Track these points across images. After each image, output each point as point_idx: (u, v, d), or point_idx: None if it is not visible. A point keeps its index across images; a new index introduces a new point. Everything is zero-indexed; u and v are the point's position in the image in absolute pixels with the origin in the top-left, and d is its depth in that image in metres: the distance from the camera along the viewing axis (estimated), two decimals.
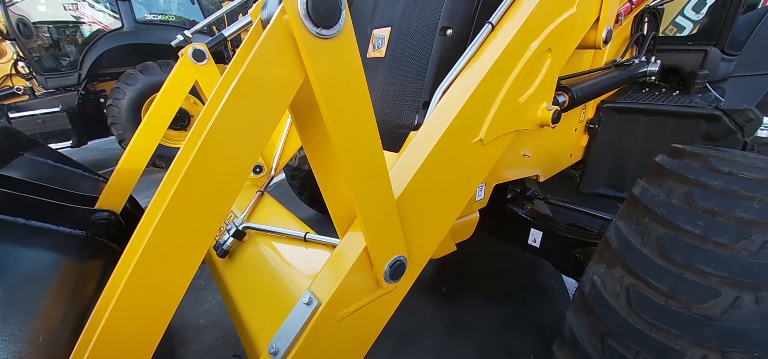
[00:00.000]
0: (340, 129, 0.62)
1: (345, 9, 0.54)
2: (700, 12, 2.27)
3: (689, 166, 0.99)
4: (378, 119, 1.46)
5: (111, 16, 6.05)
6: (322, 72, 0.56)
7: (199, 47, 1.60)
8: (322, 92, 0.57)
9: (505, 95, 1.03)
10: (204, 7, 7.27)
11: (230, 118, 0.58)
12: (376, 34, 1.53)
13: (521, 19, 1.04)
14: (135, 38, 6.09)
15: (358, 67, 0.59)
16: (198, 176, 0.60)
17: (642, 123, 1.93)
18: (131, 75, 5.67)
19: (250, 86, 0.55)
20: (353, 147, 0.65)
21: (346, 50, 0.57)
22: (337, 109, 0.60)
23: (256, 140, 0.61)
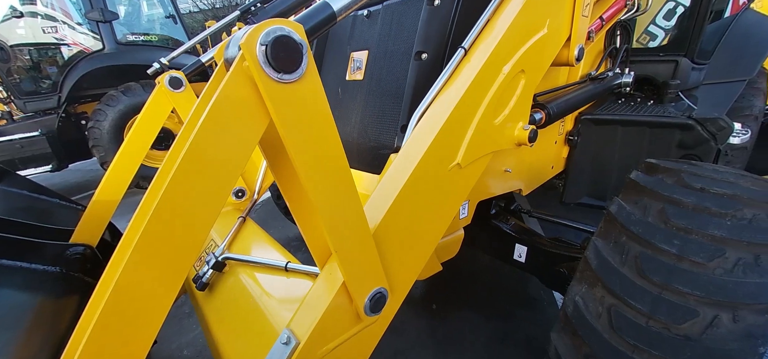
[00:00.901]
0: (308, 170, 0.60)
1: (307, 53, 0.53)
2: (671, 20, 2.35)
3: (663, 182, 1.01)
4: (359, 140, 1.47)
5: (92, 37, 5.96)
6: (286, 115, 0.55)
7: (175, 74, 1.58)
8: (288, 135, 0.56)
9: (480, 118, 1.04)
10: (187, 27, 7.23)
11: (195, 164, 0.56)
12: (354, 57, 1.54)
13: (493, 43, 1.05)
14: (116, 60, 6.00)
15: (324, 108, 0.59)
16: (167, 216, 0.58)
17: (619, 133, 1.98)
18: (113, 96, 5.58)
19: (213, 132, 0.54)
20: (324, 187, 0.64)
21: (311, 93, 0.56)
22: (305, 150, 0.59)
23: (222, 183, 0.59)
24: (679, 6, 2.34)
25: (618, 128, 1.96)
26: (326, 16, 0.68)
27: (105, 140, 5.49)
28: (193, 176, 0.57)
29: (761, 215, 0.85)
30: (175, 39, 6.72)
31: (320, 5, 0.69)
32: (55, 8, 5.86)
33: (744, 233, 0.81)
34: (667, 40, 2.31)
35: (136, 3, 7.18)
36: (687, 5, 2.28)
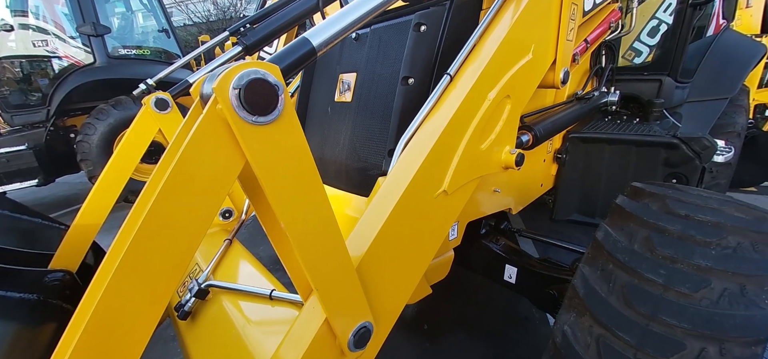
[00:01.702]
0: (286, 211, 0.59)
1: (283, 93, 0.52)
2: (655, 37, 2.41)
3: (648, 208, 1.01)
4: (347, 161, 1.46)
5: (83, 50, 5.91)
6: (262, 157, 0.53)
7: (161, 96, 1.56)
8: (265, 177, 0.55)
9: (466, 144, 1.03)
10: (180, 40, 7.22)
11: (168, 204, 0.54)
12: (343, 79, 1.54)
13: (478, 69, 1.06)
14: (107, 73, 5.95)
15: (302, 148, 0.58)
16: (141, 253, 0.56)
17: (607, 151, 2.00)
18: (103, 110, 5.51)
19: (186, 173, 0.52)
20: (303, 227, 0.62)
21: (288, 134, 0.55)
22: (282, 191, 0.57)
23: (198, 223, 0.57)
24: (663, 24, 2.41)
25: (605, 146, 1.98)
26: (306, 52, 0.68)
27: (94, 154, 5.41)
28: (167, 215, 0.55)
29: (745, 244, 0.85)
30: (168, 52, 6.70)
31: (300, 41, 0.69)
32: (47, 21, 5.84)
33: (729, 262, 0.81)
34: (652, 57, 2.37)
35: (128, 17, 7.18)
36: (669, 23, 2.34)
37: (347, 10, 0.76)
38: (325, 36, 0.71)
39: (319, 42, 0.69)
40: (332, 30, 0.72)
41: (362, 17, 0.77)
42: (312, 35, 0.70)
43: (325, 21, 0.73)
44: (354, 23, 0.76)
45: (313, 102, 1.76)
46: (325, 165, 1.59)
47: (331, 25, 0.72)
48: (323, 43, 0.70)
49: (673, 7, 2.30)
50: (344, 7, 0.77)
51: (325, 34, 0.71)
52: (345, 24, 0.74)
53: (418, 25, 1.18)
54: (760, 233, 0.87)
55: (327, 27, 0.72)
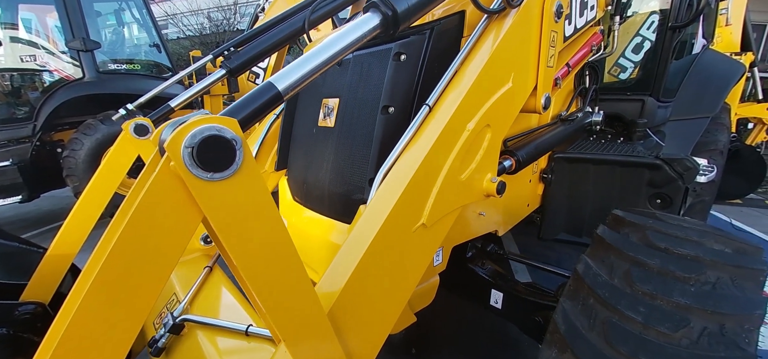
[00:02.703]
0: (249, 267, 0.57)
1: (242, 147, 0.50)
2: (639, 54, 2.46)
3: (628, 241, 1.01)
4: (330, 187, 1.44)
5: (72, 65, 5.86)
6: (220, 213, 0.51)
7: (142, 122, 1.53)
8: (223, 233, 0.53)
9: (445, 175, 1.03)
10: (172, 54, 7.20)
11: (121, 262, 0.51)
12: (326, 104, 1.53)
13: (457, 100, 1.06)
14: (96, 88, 5.89)
15: (265, 200, 0.56)
16: (92, 310, 0.53)
17: (592, 171, 2.01)
18: (91, 125, 5.43)
19: (139, 232, 0.50)
20: (266, 281, 0.60)
21: (248, 187, 0.53)
22: (243, 247, 0.55)
23: (152, 281, 0.54)
24: (646, 41, 2.46)
25: (590, 166, 1.99)
26: (270, 97, 0.66)
27: (80, 169, 5.31)
28: (119, 274, 0.52)
29: (724, 279, 0.84)
30: (160, 66, 6.66)
31: (265, 86, 0.67)
32: (39, 35, 5.80)
33: (708, 300, 0.80)
34: (636, 73, 2.42)
35: (119, 31, 7.15)
36: (653, 40, 2.40)
37: (315, 53, 0.75)
38: (290, 80, 0.69)
39: (284, 86, 0.68)
40: (298, 73, 0.71)
41: (331, 59, 0.76)
42: (278, 79, 0.68)
43: (292, 64, 0.72)
44: (322, 65, 0.75)
45: (298, 124, 1.75)
46: (309, 189, 1.57)
47: (298, 68, 0.71)
48: (289, 87, 0.69)
49: (656, 25, 2.36)
50: (312, 50, 0.76)
51: (291, 78, 0.70)
52: (312, 66, 0.73)
53: (398, 55, 1.18)
54: (739, 268, 0.86)
55: (293, 70, 0.71)
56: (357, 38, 0.80)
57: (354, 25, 0.80)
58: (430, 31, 1.23)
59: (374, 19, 0.80)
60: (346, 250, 0.90)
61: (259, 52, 1.89)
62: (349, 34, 0.79)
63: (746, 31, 4.36)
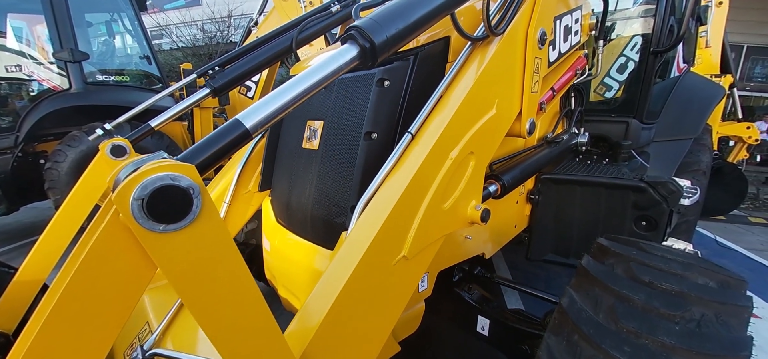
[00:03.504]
0: (210, 322, 0.53)
1: (200, 194, 0.47)
2: (624, 74, 2.52)
3: (613, 274, 0.99)
4: (313, 211, 1.40)
5: (59, 75, 5.77)
6: (176, 267, 0.48)
7: (119, 143, 1.49)
8: (180, 286, 0.49)
9: (427, 205, 1.00)
10: (162, 66, 7.15)
11: (64, 318, 0.47)
12: (310, 126, 1.51)
13: (440, 127, 1.05)
14: (83, 100, 5.79)
15: (227, 250, 0.52)
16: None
17: (578, 193, 2.02)
18: (75, 137, 5.31)
19: (86, 286, 0.46)
20: (231, 336, 0.56)
21: (207, 236, 0.50)
22: (202, 301, 0.52)
23: (101, 337, 0.50)
24: (630, 61, 2.52)
25: (576, 187, 2.00)
26: (238, 136, 0.64)
27: (62, 182, 5.16)
28: (65, 328, 0.48)
29: (709, 316, 0.83)
30: (150, 77, 6.59)
31: (232, 123, 0.65)
32: (29, 44, 5.73)
33: (693, 340, 0.79)
34: (620, 92, 2.46)
35: (109, 42, 7.09)
36: (636, 60, 2.45)
37: (288, 86, 0.73)
38: (260, 117, 0.67)
39: (253, 124, 0.66)
40: (269, 109, 0.68)
41: (306, 92, 0.74)
42: (246, 116, 0.66)
43: (263, 100, 0.70)
44: (297, 99, 0.73)
45: (282, 144, 1.72)
46: (292, 212, 1.53)
47: (269, 103, 0.69)
48: (258, 124, 0.66)
49: (639, 46, 2.41)
50: (285, 84, 0.74)
51: (260, 115, 0.67)
52: (284, 102, 0.71)
53: (382, 81, 1.17)
54: (724, 304, 0.85)
55: (263, 106, 0.68)
56: (334, 70, 0.78)
57: (331, 56, 0.79)
58: (415, 57, 1.23)
59: (352, 50, 0.79)
60: (325, 282, 0.87)
61: (244, 72, 1.87)
62: (326, 67, 0.77)
63: (725, 53, 4.51)
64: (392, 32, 0.81)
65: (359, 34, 0.78)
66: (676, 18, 2.35)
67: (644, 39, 2.39)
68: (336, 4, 2.23)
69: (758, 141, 5.43)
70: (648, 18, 2.31)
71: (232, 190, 1.82)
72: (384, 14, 0.82)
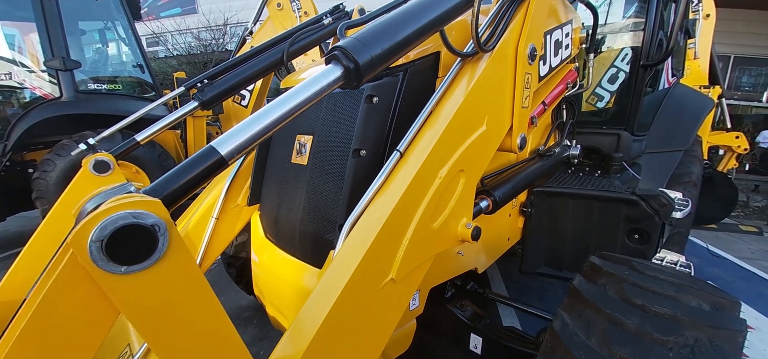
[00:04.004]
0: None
1: (167, 231, 0.45)
2: (615, 84, 2.53)
3: (605, 296, 0.97)
4: (301, 227, 1.37)
5: (49, 83, 5.70)
6: (139, 310, 0.45)
7: (103, 158, 1.45)
8: (145, 330, 0.46)
9: (416, 225, 0.98)
10: (155, 74, 7.10)
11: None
12: (299, 140, 1.48)
13: (429, 146, 1.03)
14: (74, 108, 5.72)
15: (196, 288, 0.49)
16: None
17: (570, 205, 2.01)
18: (65, 145, 5.23)
19: (43, 332, 0.43)
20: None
21: (175, 276, 0.47)
22: (171, 346, 0.48)
23: None
24: (621, 72, 2.53)
25: (569, 200, 1.99)
26: (211, 164, 0.61)
27: (51, 192, 5.06)
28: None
29: (703, 340, 0.81)
30: (143, 85, 6.54)
31: (206, 151, 0.62)
32: (21, 51, 5.67)
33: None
34: (612, 102, 2.47)
35: (102, 50, 7.04)
36: (627, 71, 2.47)
37: (264, 113, 0.70)
38: (236, 143, 0.64)
39: (229, 151, 0.63)
40: (245, 136, 0.66)
41: (288, 115, 0.72)
42: (221, 143, 0.63)
43: (239, 126, 0.67)
44: (272, 125, 0.70)
45: (272, 157, 1.69)
46: (280, 228, 1.50)
47: (245, 130, 0.66)
48: (234, 151, 0.64)
49: (629, 57, 2.44)
50: (265, 107, 0.71)
51: (236, 141, 0.64)
52: (260, 128, 0.68)
53: (370, 97, 1.16)
54: (717, 328, 0.84)
55: (241, 132, 0.65)
56: (316, 92, 0.76)
57: (314, 78, 0.77)
58: (404, 73, 1.22)
59: (336, 71, 0.77)
60: (312, 305, 0.84)
61: (234, 84, 1.85)
62: (309, 88, 0.75)
63: (713, 65, 4.59)
64: (377, 52, 0.79)
65: (343, 54, 0.76)
66: (664, 32, 2.38)
67: (634, 51, 2.41)
68: (328, 17, 2.23)
69: (747, 150, 5.51)
70: (637, 32, 2.34)
71: (221, 204, 1.79)
72: (368, 33, 0.80)
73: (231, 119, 5.80)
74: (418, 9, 0.96)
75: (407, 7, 0.96)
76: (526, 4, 1.36)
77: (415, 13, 0.95)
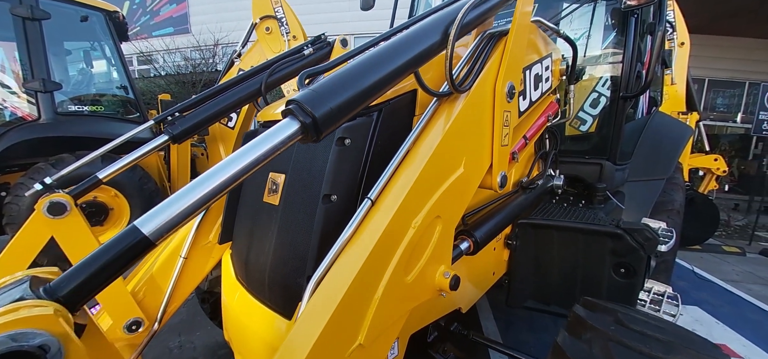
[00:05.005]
0: None
1: (62, 351, 0.37)
2: (597, 108, 2.55)
3: (591, 355, 0.91)
4: (271, 273, 1.27)
5: (29, 103, 5.54)
6: None
7: (58, 199, 1.35)
8: None
9: (388, 281, 0.92)
10: (139, 95, 6.99)
11: None
12: (272, 178, 1.42)
13: (402, 193, 0.97)
14: (52, 131, 5.55)
15: None
16: None
17: (556, 238, 1.97)
18: (40, 169, 5.04)
19: None
20: None
21: None
22: None
23: None
24: (602, 97, 2.56)
25: (554, 232, 1.96)
26: (134, 246, 0.53)
27: (22, 217, 4.83)
28: None
29: None
30: (127, 106, 6.40)
31: (128, 231, 0.54)
32: (4, 70, 5.54)
33: None
34: (594, 126, 2.48)
35: (86, 71, 6.93)
36: (608, 96, 2.50)
37: (202, 180, 0.62)
38: (164, 221, 0.56)
39: (155, 230, 0.55)
40: (176, 210, 0.57)
41: (236, 177, 0.66)
42: (145, 221, 0.55)
43: (170, 199, 0.60)
44: (216, 192, 0.63)
45: (244, 193, 1.61)
46: (250, 271, 1.42)
47: (178, 202, 0.58)
48: (162, 230, 0.56)
49: (609, 83, 2.47)
50: (200, 177, 0.64)
51: (164, 218, 0.56)
52: (196, 199, 0.60)
53: (342, 139, 1.10)
54: None
55: (170, 207, 0.57)
56: (270, 150, 0.70)
57: (268, 134, 0.71)
58: (379, 113, 1.17)
59: (292, 126, 0.71)
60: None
61: (208, 117, 1.79)
62: (261, 146, 0.69)
63: (690, 91, 4.74)
64: (337, 103, 0.73)
65: (299, 108, 0.71)
66: (642, 63, 2.43)
67: (613, 81, 2.45)
68: (309, 47, 2.21)
69: (726, 172, 5.65)
70: (616, 64, 2.38)
71: (190, 242, 1.69)
72: (328, 84, 0.75)
73: (217, 140, 5.70)
74: (388, 53, 0.92)
75: (376, 51, 0.92)
76: (503, 42, 1.35)
77: (385, 58, 0.91)
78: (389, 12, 3.82)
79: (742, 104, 12.55)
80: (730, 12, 9.14)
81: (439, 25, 1.07)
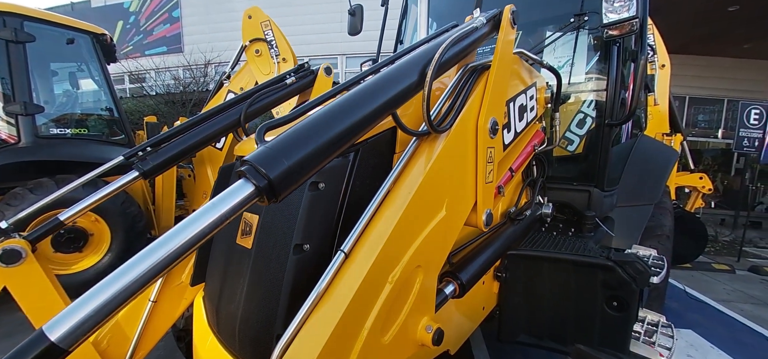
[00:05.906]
0: None
1: None
2: (583, 128, 2.54)
3: None
4: (241, 324, 1.17)
5: (8, 126, 5.37)
6: None
7: (12, 246, 1.25)
8: None
9: (363, 344, 0.84)
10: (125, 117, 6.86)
11: None
12: (246, 219, 1.34)
13: (379, 244, 0.91)
14: (31, 155, 5.38)
15: None
16: None
17: (546, 269, 1.92)
18: (17, 195, 4.85)
19: None
20: None
21: None
22: None
23: None
24: (588, 117, 2.56)
25: (544, 264, 1.90)
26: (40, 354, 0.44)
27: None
28: None
29: None
30: (113, 127, 6.26)
31: (34, 338, 0.46)
32: None
33: None
34: (581, 147, 2.47)
35: (71, 93, 6.81)
36: (594, 116, 2.49)
37: (134, 262, 0.54)
38: (74, 322, 0.47)
39: (64, 334, 0.46)
40: (89, 308, 0.48)
41: (179, 254, 0.58)
42: (53, 326, 0.47)
43: (73, 304, 0.51)
44: (146, 278, 0.55)
45: (216, 236, 1.52)
46: (220, 318, 1.32)
47: (91, 299, 0.49)
48: (75, 334, 0.47)
49: (594, 104, 2.47)
50: (125, 264, 0.56)
51: (74, 319, 0.47)
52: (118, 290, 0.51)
53: (315, 184, 1.04)
54: None
55: (81, 306, 0.49)
56: (223, 216, 0.63)
57: (221, 197, 0.64)
58: (356, 154, 1.11)
59: (246, 189, 0.65)
60: None
61: (183, 150, 1.71)
62: (215, 210, 0.62)
63: (673, 112, 4.84)
64: (296, 159, 0.67)
65: (253, 169, 0.64)
66: (626, 90, 2.44)
67: (598, 105, 2.45)
68: (291, 76, 2.16)
69: (711, 190, 5.73)
70: (600, 91, 2.39)
71: (160, 285, 1.59)
72: (285, 140, 0.68)
73: (204, 162, 5.58)
74: (362, 96, 0.87)
75: (348, 96, 0.86)
76: (484, 77, 1.32)
77: (358, 102, 0.86)
78: (377, 33, 3.84)
79: (721, 120, 12.97)
80: (706, 35, 9.56)
81: (416, 65, 1.04)
